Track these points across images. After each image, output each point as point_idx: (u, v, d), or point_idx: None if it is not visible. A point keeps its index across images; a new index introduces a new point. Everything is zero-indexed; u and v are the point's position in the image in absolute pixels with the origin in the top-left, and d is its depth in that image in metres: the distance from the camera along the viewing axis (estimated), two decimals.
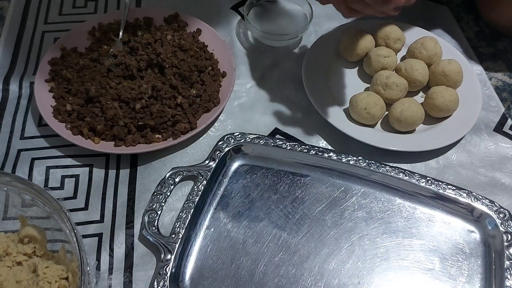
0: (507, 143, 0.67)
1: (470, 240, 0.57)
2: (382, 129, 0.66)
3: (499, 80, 0.75)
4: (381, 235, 0.57)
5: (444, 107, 0.64)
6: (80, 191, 0.61)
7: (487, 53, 0.79)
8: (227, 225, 0.58)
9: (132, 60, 0.67)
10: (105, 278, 0.54)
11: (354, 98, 0.65)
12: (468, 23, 0.83)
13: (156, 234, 0.55)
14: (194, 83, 0.68)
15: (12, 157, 0.63)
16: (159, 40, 0.70)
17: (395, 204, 0.60)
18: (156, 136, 0.64)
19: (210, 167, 0.61)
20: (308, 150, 0.62)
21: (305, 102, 0.69)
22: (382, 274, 0.54)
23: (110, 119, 0.63)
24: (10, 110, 0.68)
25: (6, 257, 0.51)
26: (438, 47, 0.70)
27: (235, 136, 0.64)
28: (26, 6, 0.82)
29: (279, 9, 0.79)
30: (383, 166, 0.61)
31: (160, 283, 0.52)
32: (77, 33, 0.74)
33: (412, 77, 0.67)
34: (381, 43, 0.72)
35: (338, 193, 0.61)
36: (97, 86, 0.65)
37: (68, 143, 0.62)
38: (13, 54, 0.75)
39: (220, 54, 0.73)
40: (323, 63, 0.72)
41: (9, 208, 0.54)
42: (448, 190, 0.59)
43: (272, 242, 0.56)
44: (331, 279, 0.54)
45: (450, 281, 0.54)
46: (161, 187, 0.59)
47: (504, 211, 0.57)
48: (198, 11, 0.81)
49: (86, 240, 0.57)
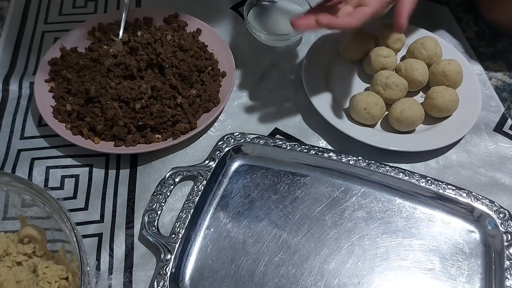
0: (507, 143, 0.67)
1: (470, 240, 0.57)
2: (382, 129, 0.66)
3: (499, 80, 0.75)
4: (381, 235, 0.57)
5: (444, 107, 0.64)
6: (80, 191, 0.61)
7: (487, 53, 0.79)
8: (227, 225, 0.58)
9: (132, 60, 0.67)
10: (105, 278, 0.54)
11: (354, 98, 0.65)
12: (468, 23, 0.83)
13: (156, 234, 0.55)
14: (194, 83, 0.68)
15: (12, 157, 0.63)
16: (159, 40, 0.70)
17: (395, 204, 0.60)
18: (156, 136, 0.64)
19: (210, 167, 0.61)
20: (308, 150, 0.62)
21: (305, 102, 0.69)
22: (382, 274, 0.54)
23: (110, 119, 0.63)
24: (10, 110, 0.68)
25: (6, 257, 0.51)
26: (438, 47, 0.70)
27: (235, 136, 0.64)
28: (26, 6, 0.82)
29: (279, 9, 0.79)
30: (383, 166, 0.61)
31: (160, 283, 0.52)
32: (77, 33, 0.74)
33: (412, 77, 0.67)
34: (381, 43, 0.72)
35: (338, 193, 0.61)
36: (97, 86, 0.65)
37: (68, 143, 0.62)
38: (13, 54, 0.75)
39: (220, 54, 0.73)
40: (323, 63, 0.72)
41: (9, 208, 0.54)
42: (448, 190, 0.59)
43: (272, 242, 0.56)
44: (331, 279, 0.54)
45: (450, 281, 0.54)
46: (161, 187, 0.59)
47: (504, 211, 0.57)
48: (198, 11, 0.81)
49: (86, 240, 0.57)
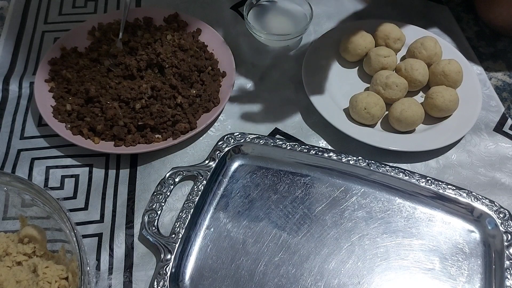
0: (507, 143, 0.67)
1: (470, 240, 0.57)
2: (382, 129, 0.66)
3: (499, 80, 0.75)
4: (381, 235, 0.57)
5: (444, 107, 0.64)
6: (80, 191, 0.61)
7: (487, 53, 0.79)
8: (227, 225, 0.58)
9: (132, 60, 0.67)
10: (105, 278, 0.54)
11: (354, 98, 0.65)
12: (468, 23, 0.83)
13: (156, 234, 0.55)
14: (194, 83, 0.68)
15: (12, 157, 0.63)
16: (159, 40, 0.70)
17: (395, 204, 0.60)
18: (156, 136, 0.64)
19: (210, 167, 0.61)
20: (308, 150, 0.62)
21: (305, 102, 0.69)
22: (382, 274, 0.54)
23: (110, 119, 0.63)
24: (10, 110, 0.68)
25: (6, 257, 0.51)
26: (438, 47, 0.70)
27: (235, 136, 0.64)
28: (26, 6, 0.82)
29: (279, 9, 0.79)
30: (383, 166, 0.61)
31: (160, 283, 0.52)
32: (77, 33, 0.74)
33: (412, 77, 0.67)
34: (381, 43, 0.72)
35: (338, 193, 0.61)
36: (97, 86, 0.65)
37: (68, 143, 0.62)
38: (13, 54, 0.75)
39: (220, 54, 0.73)
40: (323, 63, 0.73)
41: (9, 208, 0.54)
42: (448, 190, 0.59)
43: (272, 242, 0.56)
44: (331, 279, 0.54)
45: (450, 281, 0.54)
46: (161, 187, 0.59)
47: (504, 211, 0.57)
48: (198, 11, 0.81)
49: (86, 240, 0.57)
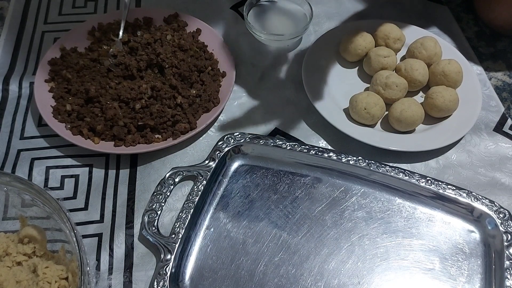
0: (507, 143, 0.67)
1: (470, 240, 0.57)
2: (382, 129, 0.66)
3: (499, 80, 0.75)
4: (381, 235, 0.57)
5: (444, 107, 0.64)
6: (80, 191, 0.61)
7: (487, 53, 0.79)
8: (227, 225, 0.58)
9: (132, 60, 0.67)
10: (105, 278, 0.54)
11: (354, 98, 0.65)
12: (468, 23, 0.83)
13: (156, 234, 0.55)
14: (194, 83, 0.68)
15: (12, 157, 0.63)
16: (159, 40, 0.70)
17: (395, 204, 0.60)
18: (156, 136, 0.64)
19: (210, 167, 0.61)
20: (308, 150, 0.62)
21: (305, 102, 0.69)
22: (382, 274, 0.54)
23: (110, 119, 0.63)
24: (10, 110, 0.68)
25: (6, 257, 0.51)
26: (438, 47, 0.70)
27: (235, 136, 0.64)
28: (26, 6, 0.82)
29: (279, 9, 0.79)
30: (383, 166, 0.61)
31: (160, 283, 0.52)
32: (77, 33, 0.74)
33: (412, 77, 0.67)
34: (381, 43, 0.72)
35: (338, 193, 0.61)
36: (97, 86, 0.65)
37: (68, 143, 0.62)
38: (13, 54, 0.75)
39: (220, 54, 0.73)
40: (323, 63, 0.73)
41: (9, 208, 0.54)
42: (448, 190, 0.59)
43: (272, 242, 0.56)
44: (331, 279, 0.54)
45: (450, 281, 0.54)
46: (161, 187, 0.59)
47: (504, 211, 0.57)
48: (198, 11, 0.81)
49: (86, 240, 0.57)
